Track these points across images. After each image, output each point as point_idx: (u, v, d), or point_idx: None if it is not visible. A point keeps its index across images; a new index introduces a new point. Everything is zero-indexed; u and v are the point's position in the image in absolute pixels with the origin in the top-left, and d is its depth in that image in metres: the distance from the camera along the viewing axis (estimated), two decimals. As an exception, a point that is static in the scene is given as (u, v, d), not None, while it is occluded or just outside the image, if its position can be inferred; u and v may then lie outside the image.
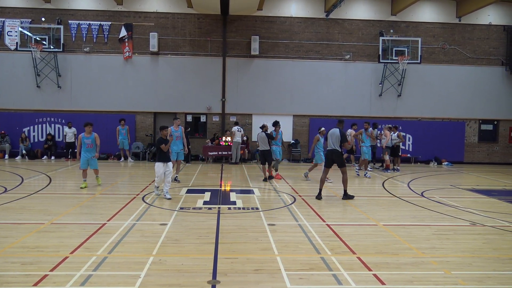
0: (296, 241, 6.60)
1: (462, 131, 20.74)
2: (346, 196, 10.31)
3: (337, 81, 20.16)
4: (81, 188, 11.05)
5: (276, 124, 13.66)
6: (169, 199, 9.61)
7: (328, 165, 10.43)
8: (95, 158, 11.40)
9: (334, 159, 10.19)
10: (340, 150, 10.13)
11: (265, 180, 13.23)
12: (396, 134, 16.50)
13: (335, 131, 10.19)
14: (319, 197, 10.21)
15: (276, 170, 14.06)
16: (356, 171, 15.07)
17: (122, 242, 6.34)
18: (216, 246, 6.22)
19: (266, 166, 13.40)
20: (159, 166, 9.73)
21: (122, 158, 18.57)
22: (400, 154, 17.21)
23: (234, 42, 19.80)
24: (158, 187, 10.15)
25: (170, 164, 9.83)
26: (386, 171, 16.25)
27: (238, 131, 18.17)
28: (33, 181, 12.40)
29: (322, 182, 10.41)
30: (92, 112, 19.32)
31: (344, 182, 10.31)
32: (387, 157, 16.54)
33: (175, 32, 19.63)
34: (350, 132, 15.47)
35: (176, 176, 12.51)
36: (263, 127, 13.59)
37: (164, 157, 9.77)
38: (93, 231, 6.84)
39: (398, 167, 16.61)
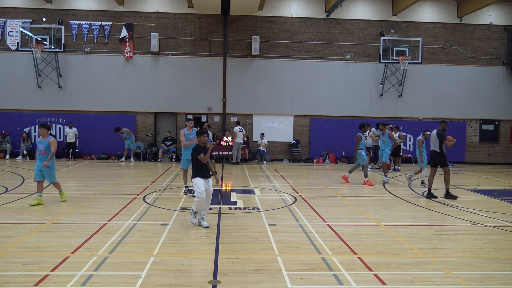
0: (296, 241, 6.60)
1: (463, 131, 20.73)
2: (449, 196, 10.57)
3: (338, 81, 20.15)
4: (31, 205, 8.69)
5: (363, 126, 13.30)
6: (207, 227, 7.27)
7: (433, 165, 10.86)
8: (47, 168, 8.98)
9: (435, 159, 10.67)
10: (438, 151, 10.55)
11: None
12: (397, 134, 16.49)
13: (434, 132, 10.74)
14: (432, 195, 10.65)
15: (366, 176, 13.00)
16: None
17: (123, 242, 6.34)
18: (216, 246, 6.23)
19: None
20: (199, 182, 7.15)
21: (124, 158, 18.56)
22: (401, 154, 17.22)
23: (234, 42, 19.80)
24: (197, 213, 7.39)
25: (211, 180, 7.43)
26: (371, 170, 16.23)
27: (240, 131, 18.18)
28: (34, 181, 12.39)
29: (430, 182, 10.84)
30: (92, 112, 19.33)
31: (446, 181, 10.63)
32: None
33: (176, 32, 19.64)
34: (370, 134, 15.80)
35: (186, 187, 10.72)
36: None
37: (204, 172, 7.28)
38: (94, 231, 6.85)
39: (399, 167, 16.59)
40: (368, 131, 15.88)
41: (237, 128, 18.27)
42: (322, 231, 7.19)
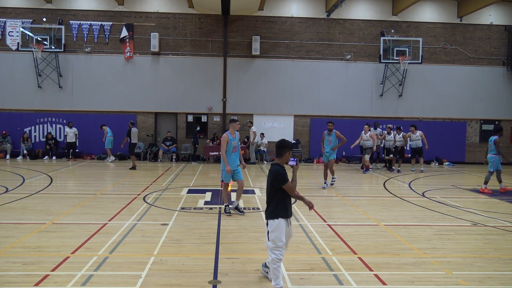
0: (297, 241, 6.59)
1: (463, 131, 20.72)
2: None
3: (338, 81, 20.15)
4: None
5: (500, 130, 11.96)
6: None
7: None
8: None
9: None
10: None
11: None
12: (401, 135, 16.40)
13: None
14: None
15: (500, 182, 11.89)
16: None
17: (123, 242, 6.34)
18: (217, 246, 6.23)
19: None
20: (280, 225, 4.63)
21: (112, 158, 18.53)
22: (404, 155, 17.01)
23: (235, 42, 19.80)
24: (267, 264, 5.04)
25: (291, 220, 4.84)
26: (366, 172, 15.92)
27: (253, 131, 18.79)
28: (34, 181, 12.41)
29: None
30: (93, 112, 19.34)
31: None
32: (367, 157, 15.98)
33: (176, 32, 19.64)
34: (372, 133, 15.81)
35: (238, 204, 8.52)
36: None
37: (287, 208, 4.71)
38: (94, 231, 6.85)
39: (399, 168, 16.50)
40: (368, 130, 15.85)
41: (254, 129, 18.81)
42: (322, 231, 7.19)
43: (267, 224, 4.68)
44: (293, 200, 4.76)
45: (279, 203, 4.65)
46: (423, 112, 20.52)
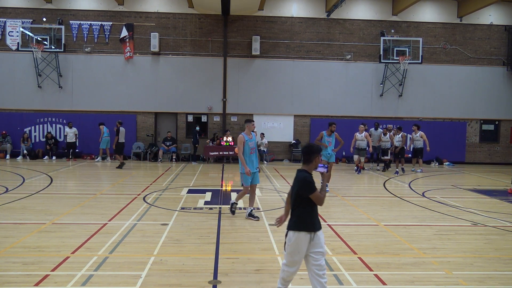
0: (297, 241, 6.59)
1: (463, 131, 20.72)
2: None
3: (338, 81, 20.15)
4: None
5: None
6: None
7: None
8: None
9: None
10: None
11: None
12: (400, 135, 16.28)
13: None
14: None
15: None
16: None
17: (123, 242, 6.34)
18: (217, 246, 6.23)
19: None
20: (300, 239, 4.00)
21: (109, 158, 18.52)
22: (404, 155, 16.73)
23: (235, 42, 19.80)
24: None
25: (321, 235, 4.11)
26: (358, 173, 15.64)
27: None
28: (34, 181, 12.41)
29: None
30: (93, 112, 19.33)
31: None
32: (362, 159, 15.65)
33: (176, 32, 19.64)
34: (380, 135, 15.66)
35: (252, 210, 8.11)
36: None
37: (314, 221, 4.10)
38: (94, 231, 6.84)
39: (403, 167, 16.30)
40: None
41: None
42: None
43: (286, 234, 4.12)
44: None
45: (305, 214, 4.05)
46: (423, 112, 20.52)
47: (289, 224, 4.13)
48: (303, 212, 4.06)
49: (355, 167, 16.19)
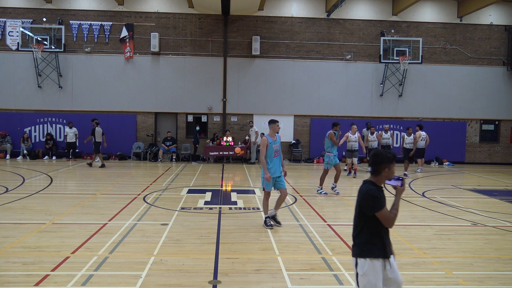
0: (297, 241, 6.60)
1: (463, 131, 20.72)
2: None
3: (338, 81, 20.15)
4: None
5: None
6: None
7: None
8: None
9: None
10: None
11: None
12: (388, 134, 16.08)
13: None
14: None
15: None
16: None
17: (123, 242, 6.34)
18: (217, 246, 6.23)
19: None
20: (375, 267, 3.46)
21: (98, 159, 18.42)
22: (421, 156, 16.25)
23: (235, 42, 19.80)
24: None
25: (394, 262, 3.65)
26: (354, 175, 14.63)
27: (256, 131, 18.98)
28: (34, 181, 12.42)
29: None
30: (93, 112, 19.31)
31: None
32: (355, 161, 14.71)
33: (176, 32, 19.64)
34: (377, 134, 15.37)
35: (275, 215, 7.55)
36: None
37: (385, 245, 3.51)
38: (94, 231, 6.85)
39: (420, 167, 15.85)
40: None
41: (256, 129, 18.92)
42: (322, 231, 7.19)
43: (355, 264, 3.46)
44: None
45: (372, 236, 3.40)
46: (423, 112, 20.51)
47: (356, 250, 3.48)
48: (370, 234, 3.40)
49: (347, 170, 15.30)
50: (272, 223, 7.39)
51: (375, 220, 3.36)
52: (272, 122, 7.52)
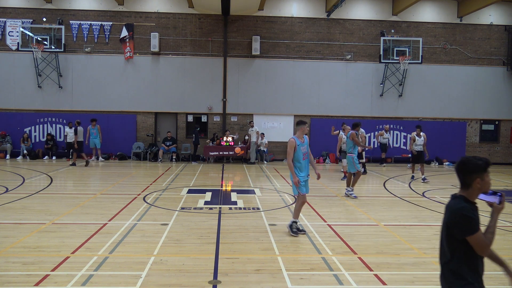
0: (297, 241, 6.59)
1: (463, 131, 20.71)
2: None
3: (338, 81, 20.15)
4: None
5: None
6: None
7: None
8: None
9: None
10: None
11: None
12: (388, 134, 15.96)
13: None
14: None
15: None
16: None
17: (123, 242, 6.34)
18: (217, 246, 6.22)
19: None
20: None
21: (94, 158, 18.40)
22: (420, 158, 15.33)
23: (235, 42, 19.80)
24: None
25: None
26: (344, 179, 13.44)
27: (256, 131, 18.91)
28: (34, 181, 12.41)
29: None
30: (93, 112, 19.32)
31: None
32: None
33: (176, 32, 19.64)
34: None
35: (298, 222, 7.09)
36: None
37: (480, 272, 2.96)
38: (94, 231, 6.84)
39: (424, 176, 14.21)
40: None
41: (257, 129, 18.88)
42: (322, 231, 7.19)
43: None
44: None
45: (467, 265, 2.79)
46: (423, 112, 20.51)
47: (446, 281, 2.83)
48: (464, 263, 2.78)
49: (343, 175, 13.98)
50: (296, 230, 6.91)
51: (466, 245, 2.73)
52: (300, 123, 7.03)
